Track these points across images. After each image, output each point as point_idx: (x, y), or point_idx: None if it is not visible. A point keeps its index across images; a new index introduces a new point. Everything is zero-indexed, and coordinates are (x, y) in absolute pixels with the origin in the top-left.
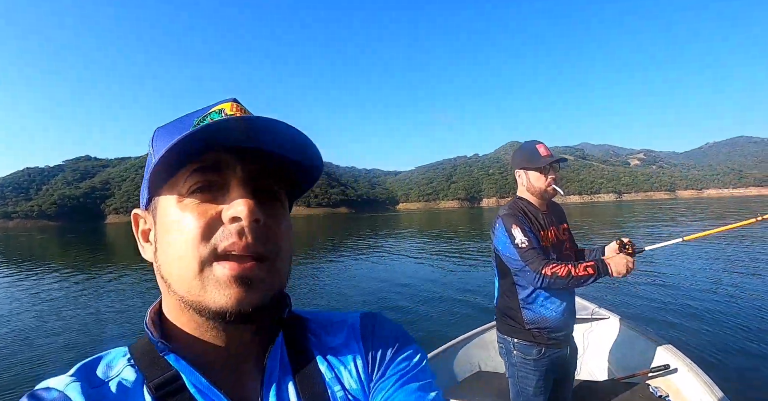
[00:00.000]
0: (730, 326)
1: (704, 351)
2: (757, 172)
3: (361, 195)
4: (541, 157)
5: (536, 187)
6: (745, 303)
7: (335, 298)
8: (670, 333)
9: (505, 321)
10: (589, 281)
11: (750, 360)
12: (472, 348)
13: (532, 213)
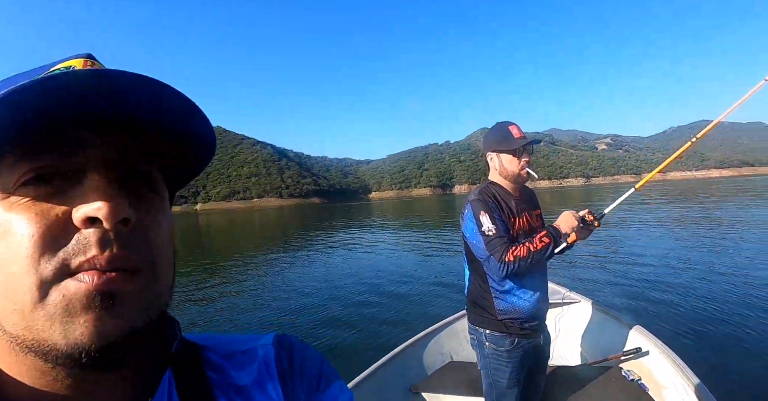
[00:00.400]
0: (701, 306)
1: (676, 332)
2: (718, 155)
3: (333, 184)
4: (514, 139)
5: (509, 171)
6: (715, 283)
7: (307, 292)
8: (642, 315)
9: (476, 311)
10: (548, 251)
11: (720, 340)
12: (442, 338)
13: (504, 199)
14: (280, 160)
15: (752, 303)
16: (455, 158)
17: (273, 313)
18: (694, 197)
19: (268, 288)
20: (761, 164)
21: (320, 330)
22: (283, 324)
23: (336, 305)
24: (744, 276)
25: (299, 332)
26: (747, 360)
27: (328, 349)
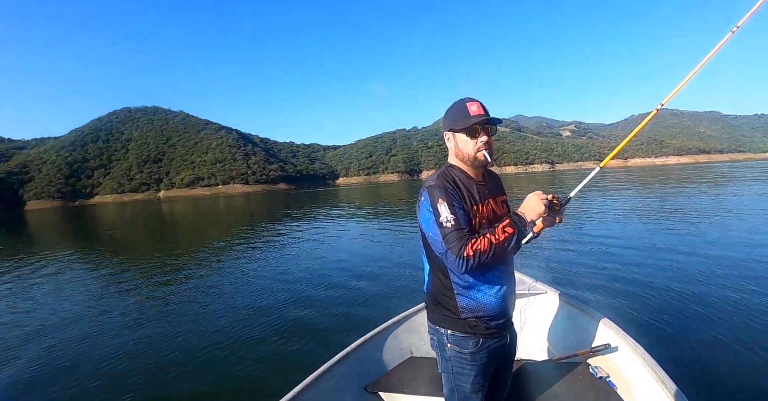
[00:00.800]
0: (672, 298)
1: (645, 326)
2: (677, 142)
3: (300, 170)
4: (470, 116)
5: (464, 153)
6: (686, 273)
7: (271, 281)
8: (610, 308)
9: (437, 309)
10: (512, 242)
11: (692, 336)
12: (402, 332)
13: (465, 185)
14: (245, 146)
15: (724, 296)
16: (423, 144)
17: (236, 303)
18: (656, 183)
19: (232, 278)
20: (717, 152)
21: (275, 324)
22: (239, 317)
23: (296, 296)
24: (716, 266)
25: (255, 325)
26: (719, 357)
27: (283, 345)
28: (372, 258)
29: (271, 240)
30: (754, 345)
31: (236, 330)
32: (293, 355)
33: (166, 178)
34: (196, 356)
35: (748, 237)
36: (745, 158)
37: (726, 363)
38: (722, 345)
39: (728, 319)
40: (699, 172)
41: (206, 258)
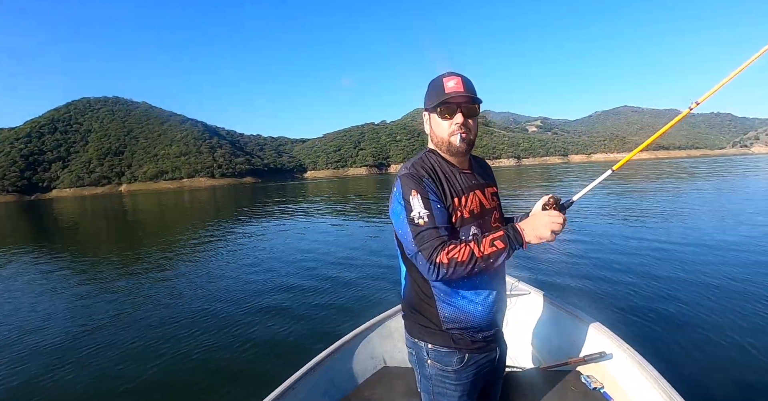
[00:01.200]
0: (673, 302)
1: (642, 332)
2: (638, 138)
3: (267, 164)
4: (443, 93)
5: (438, 136)
6: (691, 274)
7: (232, 282)
8: (601, 312)
9: (415, 318)
10: (500, 259)
11: (696, 343)
12: (374, 339)
13: (447, 173)
14: (211, 138)
15: (728, 299)
16: (391, 138)
17: (193, 308)
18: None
19: (192, 279)
20: (675, 148)
21: (234, 332)
22: (194, 324)
23: (257, 300)
24: (716, 266)
25: (211, 332)
26: (727, 367)
27: (241, 358)
28: (340, 256)
29: (235, 237)
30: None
31: (189, 339)
32: (252, 370)
33: (128, 172)
34: (145, 370)
35: (745, 235)
36: (701, 154)
37: (736, 375)
38: (732, 355)
39: (742, 332)
40: (666, 167)
41: (168, 256)
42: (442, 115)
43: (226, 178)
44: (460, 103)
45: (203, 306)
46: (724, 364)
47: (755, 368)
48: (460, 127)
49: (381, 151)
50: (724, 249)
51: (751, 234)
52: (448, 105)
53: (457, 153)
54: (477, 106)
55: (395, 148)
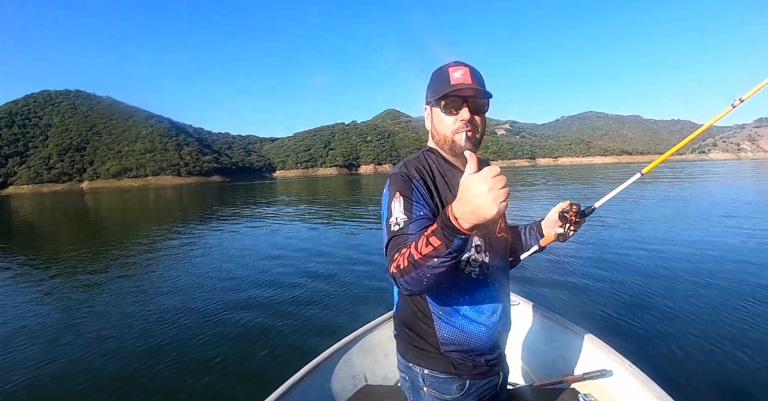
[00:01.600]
0: (674, 314)
1: (643, 347)
2: (602, 143)
3: (236, 162)
4: (449, 85)
5: (439, 134)
6: (691, 284)
7: (196, 292)
8: (598, 325)
9: (409, 339)
10: (440, 260)
11: (704, 361)
12: (355, 355)
13: (446, 175)
14: (178, 136)
15: (733, 312)
16: (362, 138)
17: (161, 309)
18: (580, 179)
19: (153, 285)
20: (638, 153)
21: (197, 353)
22: (154, 341)
23: (224, 315)
24: (721, 276)
25: (172, 353)
26: (736, 385)
27: (208, 382)
28: (313, 263)
29: (201, 239)
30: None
31: (149, 360)
32: (218, 395)
33: (89, 168)
34: (92, 386)
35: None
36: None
37: (746, 395)
38: (741, 372)
39: (751, 347)
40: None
41: (128, 261)
42: (446, 109)
43: (193, 177)
44: (467, 96)
45: (157, 320)
46: (732, 382)
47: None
48: (466, 124)
49: (351, 151)
50: (715, 256)
51: (730, 237)
52: (454, 98)
53: (461, 153)
54: (486, 101)
55: (365, 149)
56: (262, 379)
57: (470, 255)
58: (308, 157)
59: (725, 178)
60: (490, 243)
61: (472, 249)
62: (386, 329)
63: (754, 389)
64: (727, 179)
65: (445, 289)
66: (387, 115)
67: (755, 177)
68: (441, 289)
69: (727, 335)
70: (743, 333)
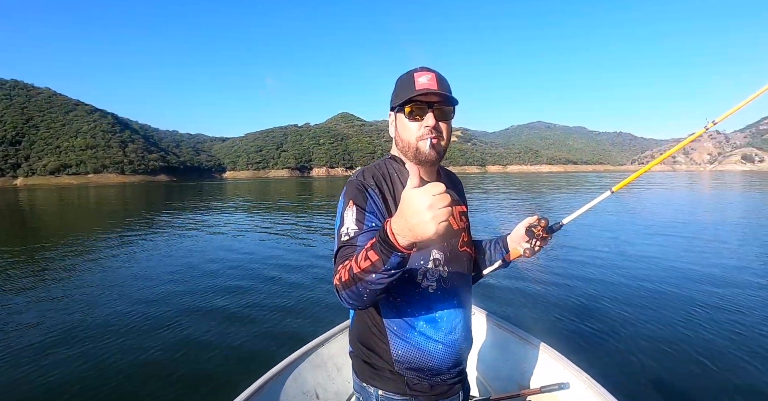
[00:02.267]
0: (629, 325)
1: (600, 360)
2: (550, 152)
3: (184, 161)
4: (413, 89)
5: (403, 140)
6: (645, 293)
7: (140, 295)
8: (552, 336)
9: (362, 355)
10: (380, 274)
11: (657, 371)
12: (306, 370)
13: (406, 184)
14: (122, 132)
15: (692, 319)
16: (314, 141)
17: (100, 317)
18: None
19: (98, 285)
20: (583, 163)
21: (140, 365)
22: (73, 364)
23: (170, 320)
24: (673, 283)
25: (94, 380)
26: (692, 392)
27: (149, 394)
28: (266, 268)
29: (144, 242)
30: (733, 376)
31: (84, 374)
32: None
33: (25, 164)
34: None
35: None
36: (605, 169)
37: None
38: (699, 380)
39: (700, 346)
40: (583, 181)
41: (66, 261)
42: (411, 115)
43: (138, 175)
44: (432, 102)
45: (98, 329)
46: (688, 390)
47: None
48: (431, 131)
49: (304, 153)
50: (666, 264)
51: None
52: (419, 104)
53: (424, 161)
54: (452, 108)
55: (318, 152)
56: (209, 399)
57: (427, 269)
58: (260, 158)
59: (666, 188)
60: (450, 258)
61: (430, 262)
62: (340, 341)
63: (708, 395)
64: (668, 189)
65: (401, 303)
66: (341, 118)
67: (690, 188)
68: (396, 303)
69: (680, 342)
70: (697, 339)
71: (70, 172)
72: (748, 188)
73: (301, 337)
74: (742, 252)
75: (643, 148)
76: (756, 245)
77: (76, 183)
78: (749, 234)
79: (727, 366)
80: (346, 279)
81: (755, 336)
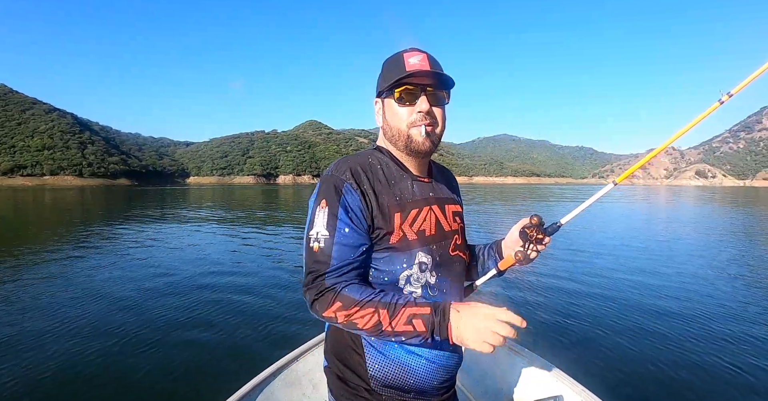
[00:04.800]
0: (623, 335)
1: (595, 372)
2: (514, 164)
3: (146, 165)
4: (404, 71)
5: (392, 128)
6: (643, 302)
7: (94, 307)
8: (543, 347)
9: (337, 370)
10: (413, 342)
11: (649, 380)
12: (278, 389)
13: (392, 178)
14: (81, 133)
15: (681, 329)
16: (281, 148)
17: (29, 334)
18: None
19: (52, 293)
20: (546, 175)
21: (96, 386)
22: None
23: (123, 339)
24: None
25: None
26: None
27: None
28: (232, 278)
29: (100, 249)
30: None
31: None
32: None
33: None
34: None
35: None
36: (567, 182)
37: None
38: (695, 390)
39: (704, 367)
40: (547, 192)
41: (15, 268)
42: (401, 100)
43: (97, 178)
44: (425, 84)
45: (47, 342)
46: (688, 397)
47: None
48: (424, 117)
49: (270, 160)
50: (659, 271)
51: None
52: (410, 87)
53: (417, 151)
54: (447, 92)
55: (285, 159)
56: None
57: (411, 273)
58: (225, 164)
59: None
60: (439, 262)
61: (414, 266)
62: (316, 356)
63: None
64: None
65: None
66: (309, 126)
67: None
68: None
69: (679, 352)
70: (696, 350)
71: (25, 172)
72: (707, 202)
73: (272, 353)
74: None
75: (604, 162)
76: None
77: (31, 184)
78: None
79: (724, 376)
80: (366, 327)
81: (750, 345)
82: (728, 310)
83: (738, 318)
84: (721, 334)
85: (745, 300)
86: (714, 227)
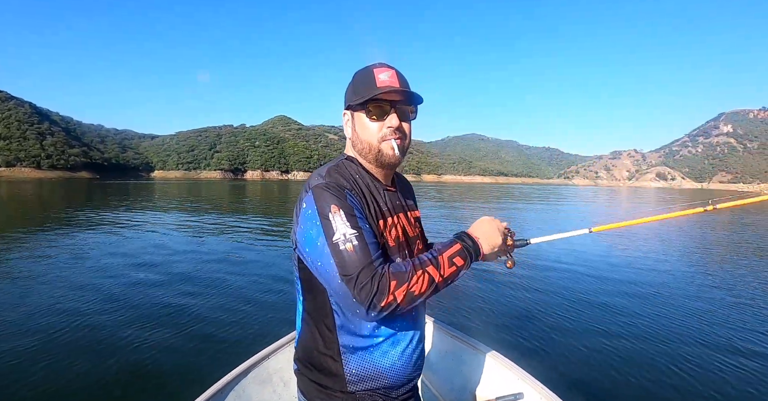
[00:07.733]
0: (581, 333)
1: (554, 369)
2: (482, 164)
3: (108, 158)
4: (375, 87)
5: (363, 141)
6: (601, 303)
7: (56, 304)
8: (505, 345)
9: (311, 374)
10: (457, 279)
11: (605, 376)
12: (249, 386)
13: (371, 188)
14: (40, 123)
15: (642, 328)
16: (250, 143)
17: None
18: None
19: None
20: (513, 175)
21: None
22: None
23: (98, 333)
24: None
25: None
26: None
27: None
28: (202, 275)
29: (58, 246)
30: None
31: None
32: None
33: None
34: None
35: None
36: (533, 182)
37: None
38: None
39: (654, 355)
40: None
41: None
42: (371, 115)
43: (57, 171)
44: (394, 101)
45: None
46: (644, 396)
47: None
48: (394, 132)
49: (238, 155)
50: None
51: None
52: (381, 103)
53: (387, 164)
54: (414, 107)
55: (253, 154)
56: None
57: None
58: (191, 158)
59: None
60: None
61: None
62: (287, 354)
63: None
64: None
65: (354, 318)
66: (278, 121)
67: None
68: (349, 318)
69: (635, 349)
70: (653, 347)
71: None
72: (667, 203)
73: (243, 351)
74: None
75: (569, 163)
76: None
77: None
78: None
79: (684, 372)
80: (423, 290)
81: (714, 342)
82: (682, 309)
83: (691, 316)
84: (675, 335)
85: (697, 296)
86: (672, 229)
